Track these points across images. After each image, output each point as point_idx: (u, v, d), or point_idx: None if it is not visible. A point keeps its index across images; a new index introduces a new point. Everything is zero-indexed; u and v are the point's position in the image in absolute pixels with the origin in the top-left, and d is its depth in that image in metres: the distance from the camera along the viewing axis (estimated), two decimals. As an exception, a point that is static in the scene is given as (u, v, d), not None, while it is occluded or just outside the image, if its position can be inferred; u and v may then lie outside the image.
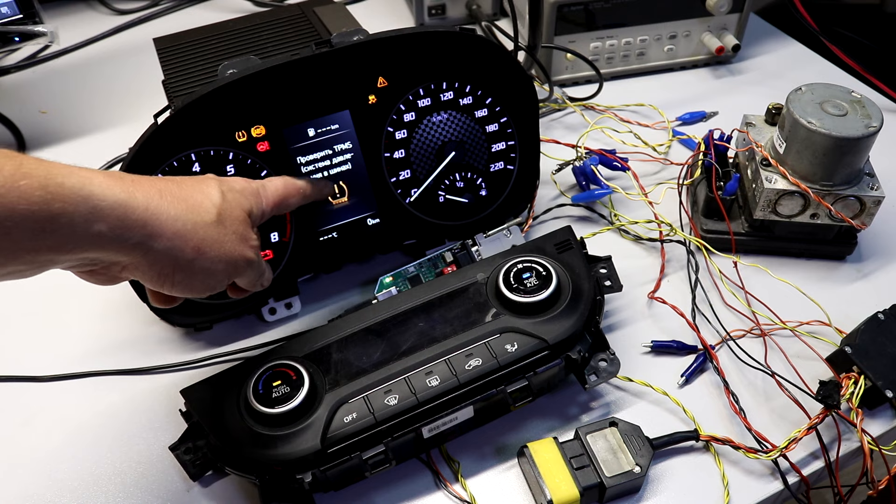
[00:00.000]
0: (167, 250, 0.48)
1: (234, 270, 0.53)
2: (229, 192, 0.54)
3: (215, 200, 0.52)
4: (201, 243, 0.50)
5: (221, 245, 0.51)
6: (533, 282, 0.62)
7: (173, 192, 0.50)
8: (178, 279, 0.50)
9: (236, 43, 0.83)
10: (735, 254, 0.75)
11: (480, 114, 0.73)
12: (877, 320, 0.64)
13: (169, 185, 0.50)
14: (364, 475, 0.58)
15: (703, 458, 0.62)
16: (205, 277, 0.51)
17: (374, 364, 0.59)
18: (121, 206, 0.45)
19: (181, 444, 0.59)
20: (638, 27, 0.98)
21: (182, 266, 0.49)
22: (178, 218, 0.49)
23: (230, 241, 0.52)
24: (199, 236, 0.50)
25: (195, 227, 0.50)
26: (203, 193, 0.52)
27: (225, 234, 0.52)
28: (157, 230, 0.47)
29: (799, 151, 0.70)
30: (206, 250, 0.50)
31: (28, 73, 1.07)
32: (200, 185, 0.53)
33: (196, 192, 0.52)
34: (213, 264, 0.51)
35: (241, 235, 0.54)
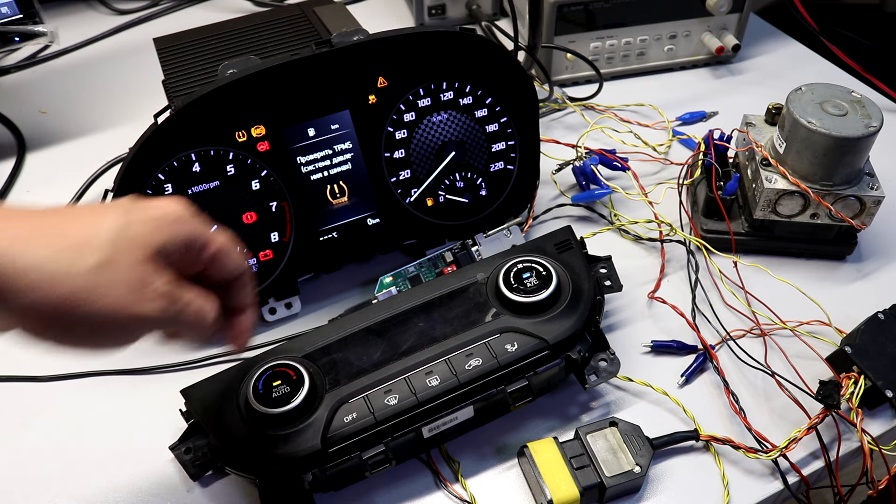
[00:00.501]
0: (29, 306, 0.39)
1: (125, 327, 0.43)
2: (134, 224, 0.43)
3: (101, 239, 0.41)
4: (71, 296, 0.39)
5: (100, 298, 0.40)
6: (533, 282, 0.62)
7: (52, 229, 0.40)
8: (53, 338, 0.41)
9: (236, 43, 0.83)
10: (735, 254, 0.75)
11: (480, 114, 0.73)
12: (877, 320, 0.64)
13: (51, 219, 0.41)
14: (364, 475, 0.58)
15: (703, 458, 0.62)
16: (83, 336, 0.42)
17: (374, 364, 0.59)
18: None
19: (181, 443, 0.59)
20: (638, 27, 0.98)
21: (51, 324, 0.40)
22: (45, 262, 0.39)
23: (115, 293, 0.41)
24: (66, 288, 0.39)
25: (62, 276, 0.39)
26: (92, 228, 0.41)
27: (109, 282, 0.41)
28: (13, 281, 0.38)
29: (799, 151, 0.70)
30: (79, 305, 0.40)
31: (28, 73, 1.07)
32: (92, 218, 0.42)
33: (82, 226, 0.42)
34: (90, 322, 0.41)
35: (136, 282, 0.42)
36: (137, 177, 0.64)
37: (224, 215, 0.67)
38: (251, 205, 0.68)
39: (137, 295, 0.42)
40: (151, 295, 0.42)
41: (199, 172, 0.66)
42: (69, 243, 0.40)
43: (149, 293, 0.42)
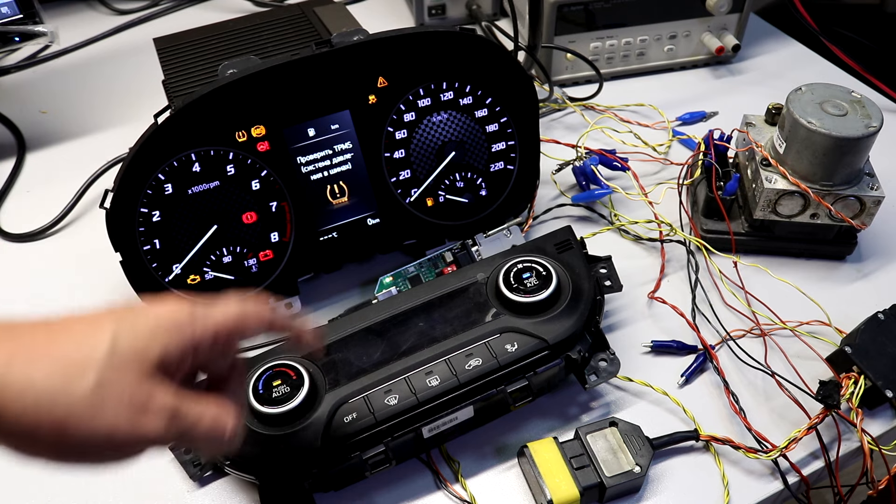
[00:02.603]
0: (19, 434, 0.37)
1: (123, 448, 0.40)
2: (128, 338, 0.40)
3: (97, 355, 0.39)
4: (64, 420, 0.37)
5: (96, 419, 0.38)
6: (533, 282, 0.62)
7: (35, 352, 0.38)
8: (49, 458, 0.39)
9: (236, 43, 0.83)
10: (735, 254, 0.75)
11: (480, 114, 0.73)
12: (877, 320, 0.64)
13: (36, 340, 0.39)
14: (364, 475, 0.58)
15: (703, 458, 0.62)
16: (81, 457, 0.40)
17: (374, 364, 0.59)
18: None
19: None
20: (638, 27, 0.98)
21: (45, 448, 0.38)
22: (31, 387, 0.37)
23: (112, 413, 0.38)
24: (59, 411, 0.37)
25: (55, 398, 0.37)
26: (82, 346, 0.39)
27: (104, 403, 0.38)
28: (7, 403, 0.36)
29: (799, 151, 0.70)
30: (74, 427, 0.38)
31: (28, 73, 1.07)
32: (84, 333, 0.40)
33: (74, 343, 0.39)
34: (86, 444, 0.39)
35: (134, 401, 0.39)
36: (137, 177, 0.64)
37: (224, 215, 0.67)
38: (251, 205, 0.68)
39: (138, 414, 0.39)
40: (153, 413, 0.40)
41: (199, 172, 0.66)
42: (64, 363, 0.38)
43: (151, 412, 0.40)
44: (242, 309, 0.45)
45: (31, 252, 0.81)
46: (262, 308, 0.46)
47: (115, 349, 0.39)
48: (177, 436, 0.41)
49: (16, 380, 0.37)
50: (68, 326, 0.40)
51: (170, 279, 0.67)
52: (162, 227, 0.66)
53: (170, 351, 0.41)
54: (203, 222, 0.67)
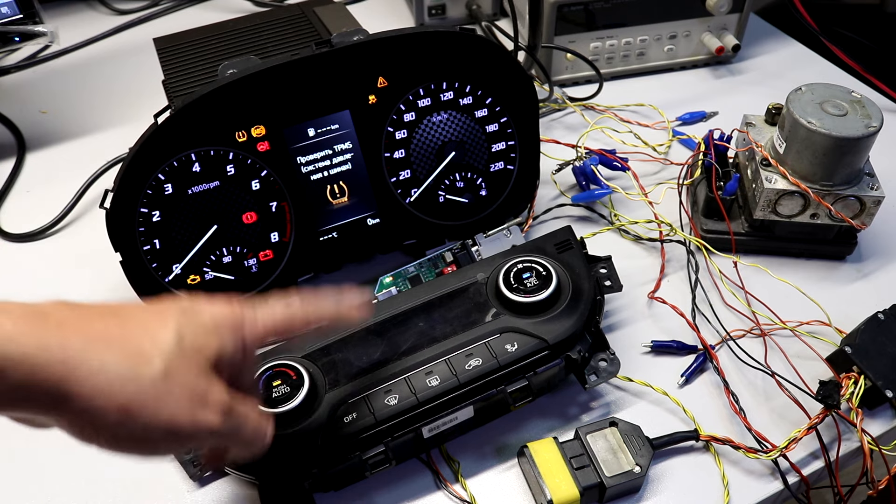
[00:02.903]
0: (84, 411, 0.39)
1: (180, 439, 0.42)
2: (191, 333, 0.42)
3: (165, 346, 0.41)
4: (131, 403, 0.39)
5: (160, 407, 0.40)
6: (533, 282, 0.62)
7: (109, 336, 0.40)
8: (104, 442, 0.41)
9: (236, 43, 0.83)
10: (735, 254, 0.75)
11: (480, 114, 0.73)
12: (877, 320, 0.64)
13: (109, 324, 0.41)
14: (364, 475, 0.58)
15: (703, 458, 0.62)
16: (137, 445, 0.41)
17: (374, 364, 0.59)
18: (27, 361, 0.37)
19: (181, 444, 0.59)
20: (638, 27, 0.98)
21: (106, 428, 0.40)
22: (103, 370, 0.39)
23: (175, 402, 0.41)
24: (128, 394, 0.39)
25: (125, 383, 0.39)
26: (151, 336, 0.41)
27: (169, 392, 0.40)
28: (74, 388, 0.38)
29: (799, 151, 0.70)
30: (138, 413, 0.40)
31: (28, 73, 1.07)
32: (153, 323, 0.42)
33: (143, 332, 0.41)
34: (149, 430, 0.40)
35: (195, 393, 0.41)
36: (137, 177, 0.64)
37: (224, 215, 0.67)
38: (251, 205, 0.68)
39: (197, 406, 0.41)
40: (211, 407, 0.42)
41: (199, 172, 0.66)
42: (133, 349, 0.40)
43: (208, 405, 0.42)
44: (288, 312, 0.47)
45: (31, 252, 0.81)
46: (305, 308, 0.48)
47: (180, 342, 0.42)
48: (228, 432, 0.43)
49: (91, 361, 0.39)
50: (137, 316, 0.42)
51: (170, 279, 0.67)
52: (162, 227, 0.66)
53: (225, 350, 0.44)
54: (203, 222, 0.67)
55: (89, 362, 0.39)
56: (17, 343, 0.37)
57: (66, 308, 0.41)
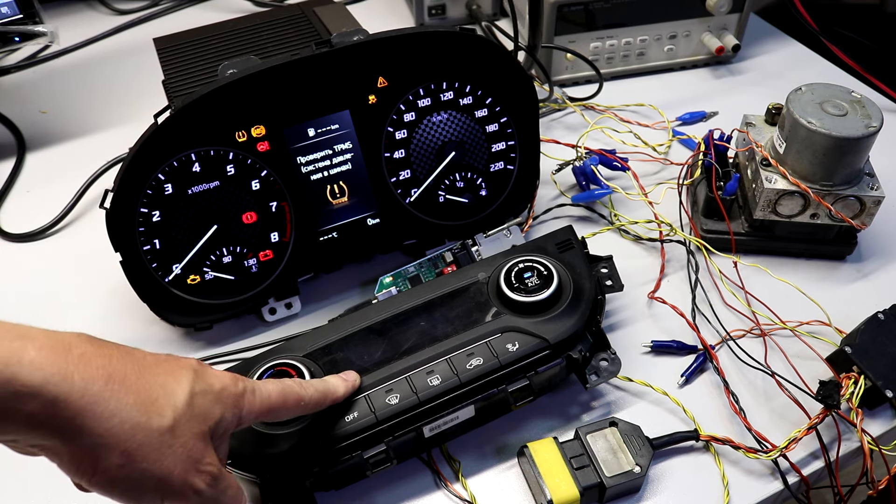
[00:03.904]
0: (92, 447, 0.40)
1: (169, 493, 0.43)
2: (201, 395, 0.45)
3: (177, 402, 0.43)
4: (136, 450, 0.41)
5: (159, 459, 0.42)
6: (534, 281, 0.62)
7: (127, 380, 0.42)
8: (97, 481, 0.42)
9: (236, 43, 0.83)
10: (735, 254, 0.75)
11: (480, 114, 0.73)
12: (877, 320, 0.64)
13: (127, 368, 0.42)
14: (365, 474, 0.58)
15: (703, 458, 0.62)
16: (128, 489, 0.42)
17: (375, 363, 0.59)
18: (50, 391, 0.38)
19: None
20: (638, 27, 0.98)
21: (104, 469, 0.41)
22: (117, 413, 0.40)
23: (173, 457, 0.42)
24: (136, 441, 0.41)
25: (134, 429, 0.41)
26: (166, 389, 0.43)
27: (171, 446, 0.42)
28: (87, 423, 0.39)
29: (799, 151, 0.70)
30: (139, 460, 0.41)
31: (28, 73, 1.07)
32: (168, 376, 0.44)
33: (158, 384, 0.43)
34: (143, 478, 0.42)
35: (192, 454, 0.43)
36: (137, 177, 0.64)
37: (224, 215, 0.67)
38: (251, 205, 0.68)
39: (191, 467, 0.43)
40: (202, 472, 0.44)
41: (199, 172, 0.66)
42: (142, 399, 0.42)
43: (201, 469, 0.44)
44: (283, 395, 0.50)
45: (31, 252, 0.81)
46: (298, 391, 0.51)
47: (191, 401, 0.44)
48: (210, 499, 0.45)
49: (109, 402, 0.40)
50: (154, 366, 0.44)
51: (170, 279, 0.67)
52: (162, 227, 0.66)
53: (224, 420, 0.46)
54: (203, 222, 0.67)
55: (107, 402, 0.40)
56: (42, 373, 0.38)
57: (87, 342, 0.42)
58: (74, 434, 0.40)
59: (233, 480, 0.47)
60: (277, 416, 0.51)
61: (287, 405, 0.51)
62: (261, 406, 0.49)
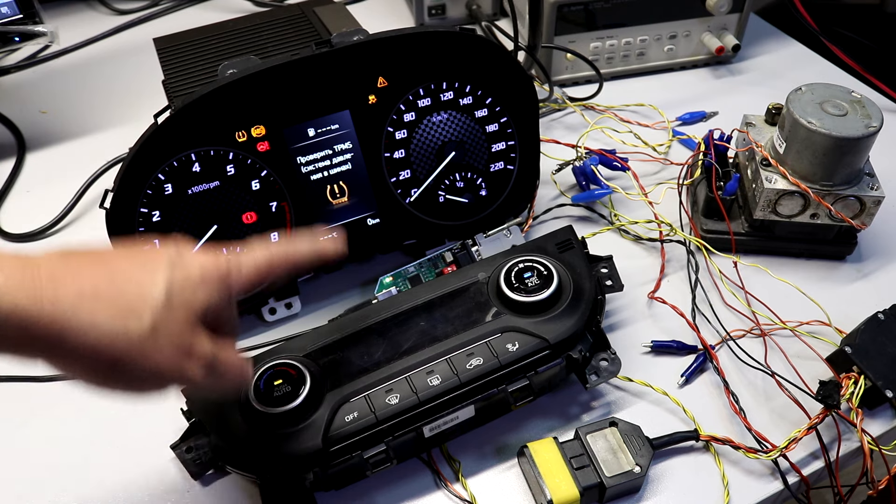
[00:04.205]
0: (76, 361, 0.41)
1: (166, 382, 0.45)
2: (180, 287, 0.44)
3: (154, 301, 0.42)
4: (121, 358, 0.41)
5: (147, 360, 0.42)
6: (534, 281, 0.62)
7: (99, 292, 0.41)
8: (94, 383, 0.43)
9: (236, 43, 0.83)
10: (735, 254, 0.75)
11: (480, 114, 0.73)
12: (877, 320, 0.64)
13: (98, 278, 0.42)
14: (365, 474, 0.58)
15: (703, 458, 0.62)
16: (126, 390, 0.44)
17: (375, 363, 0.59)
18: (19, 314, 0.38)
19: (182, 442, 0.59)
20: (638, 27, 0.98)
21: (96, 378, 0.43)
22: (92, 328, 0.40)
23: (161, 355, 0.43)
24: (117, 350, 0.41)
25: (114, 340, 0.41)
26: (141, 291, 0.43)
27: (155, 346, 0.42)
28: (63, 343, 0.40)
29: (799, 151, 0.70)
30: (127, 366, 0.42)
31: (28, 73, 1.07)
32: (143, 276, 0.43)
33: (133, 288, 0.43)
34: (137, 380, 0.43)
35: (181, 347, 0.44)
36: (137, 177, 0.64)
37: (224, 215, 0.67)
38: (251, 205, 0.68)
39: (182, 358, 0.44)
40: (195, 359, 0.44)
41: (199, 172, 0.66)
42: (119, 308, 0.42)
43: (193, 357, 0.44)
44: (269, 258, 0.49)
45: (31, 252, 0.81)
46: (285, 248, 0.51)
47: (169, 297, 0.43)
48: (211, 381, 0.46)
49: (82, 320, 0.40)
50: (126, 269, 0.44)
51: (170, 279, 0.66)
52: (162, 227, 0.66)
53: (213, 302, 0.46)
54: (203, 222, 0.67)
55: (79, 319, 0.40)
56: (10, 296, 0.38)
57: (58, 260, 0.42)
58: (57, 351, 0.40)
59: (232, 356, 0.48)
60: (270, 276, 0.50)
61: (275, 271, 0.50)
62: (249, 279, 0.48)
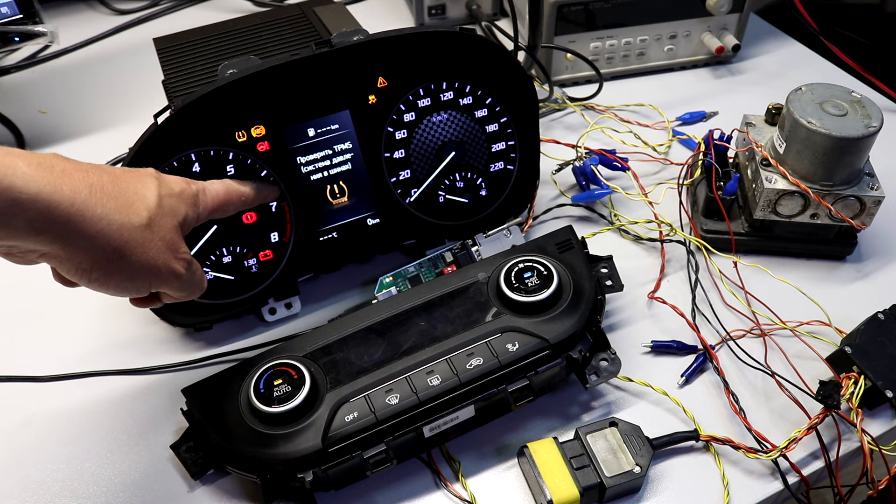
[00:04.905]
0: (87, 248, 0.47)
1: (155, 279, 0.52)
2: (166, 196, 0.53)
3: (149, 203, 0.51)
4: (124, 246, 0.48)
5: (145, 251, 0.50)
6: (534, 281, 0.62)
7: (105, 188, 0.48)
8: (95, 276, 0.49)
9: (236, 43, 0.83)
10: (735, 254, 0.75)
11: (480, 114, 0.73)
12: (877, 320, 0.64)
13: (103, 178, 0.49)
14: (365, 474, 0.58)
15: (703, 458, 0.62)
16: (122, 280, 0.50)
17: (375, 363, 0.59)
18: (44, 200, 0.44)
19: (182, 442, 0.59)
20: (638, 27, 0.98)
21: (100, 265, 0.48)
22: (104, 217, 0.47)
23: (156, 249, 0.50)
24: (123, 238, 0.48)
25: (120, 229, 0.48)
26: (138, 194, 0.50)
27: (152, 240, 0.50)
28: (80, 227, 0.46)
29: (799, 151, 0.70)
30: (129, 254, 0.49)
31: (28, 73, 1.07)
32: (137, 184, 0.51)
33: (131, 190, 0.50)
34: (134, 269, 0.50)
35: (170, 244, 0.52)
36: (138, 177, 0.64)
37: (224, 215, 0.67)
38: (251, 205, 0.68)
39: (171, 254, 0.52)
40: (180, 257, 0.53)
41: (199, 172, 0.66)
42: (121, 203, 0.49)
43: (178, 255, 0.52)
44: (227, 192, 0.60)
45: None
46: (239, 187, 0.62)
47: (160, 201, 0.52)
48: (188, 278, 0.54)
49: (96, 208, 0.47)
50: (124, 176, 0.51)
51: (170, 279, 0.67)
52: (162, 226, 0.65)
53: (188, 216, 0.55)
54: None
55: (94, 208, 0.47)
56: (35, 184, 0.43)
57: (64, 160, 0.47)
58: (70, 237, 0.46)
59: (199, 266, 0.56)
60: (227, 210, 0.61)
61: (232, 200, 0.61)
62: (213, 202, 0.58)
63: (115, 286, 0.51)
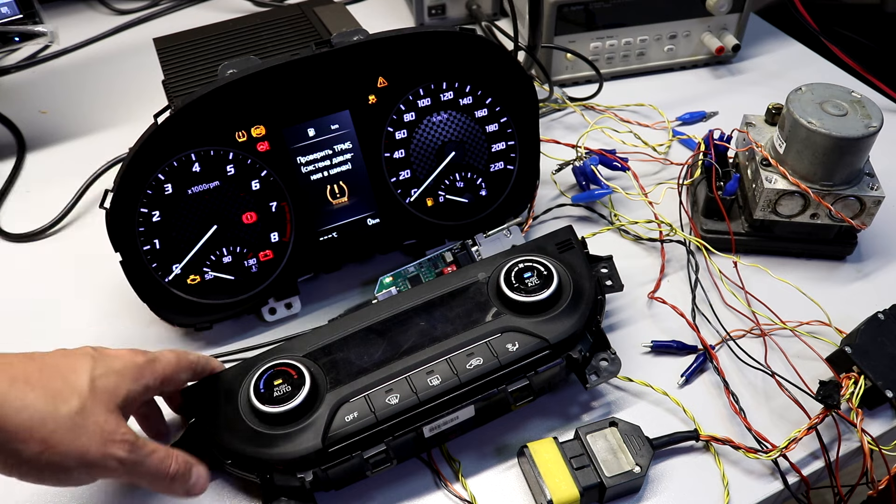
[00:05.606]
0: (10, 442, 0.44)
1: (93, 468, 0.48)
2: (101, 377, 0.49)
3: (80, 388, 0.48)
4: (50, 436, 0.45)
5: (75, 440, 0.46)
6: (534, 281, 0.62)
7: (30, 379, 0.46)
8: (26, 471, 0.46)
9: (236, 43, 0.83)
10: (735, 254, 0.75)
11: (480, 114, 0.73)
12: (877, 320, 0.64)
13: (28, 368, 0.47)
14: (365, 474, 0.58)
15: (703, 458, 0.62)
16: (56, 472, 0.47)
17: (375, 363, 0.59)
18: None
19: (182, 442, 0.59)
20: (638, 27, 0.98)
21: (26, 460, 0.45)
22: (26, 408, 0.45)
23: (87, 437, 0.47)
24: (47, 429, 0.45)
25: (45, 420, 0.45)
26: (67, 380, 0.48)
27: (83, 426, 0.47)
28: (7, 420, 0.44)
29: (799, 151, 0.70)
30: (55, 445, 0.46)
31: (28, 73, 1.07)
32: (68, 369, 0.49)
33: (60, 376, 0.48)
34: (64, 460, 0.46)
35: (105, 430, 0.48)
36: (137, 177, 0.64)
37: (224, 215, 0.67)
38: (251, 205, 0.68)
39: (107, 441, 0.48)
40: (118, 442, 0.48)
41: (199, 172, 0.66)
42: (48, 392, 0.46)
43: (116, 440, 0.48)
44: (178, 363, 0.57)
45: (31, 252, 0.81)
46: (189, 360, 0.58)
47: (93, 384, 0.49)
48: (132, 464, 0.49)
49: (15, 401, 0.45)
50: (53, 363, 0.49)
51: (170, 279, 0.67)
52: (162, 227, 0.66)
53: (132, 392, 0.51)
54: (203, 222, 0.67)
55: (14, 400, 0.45)
56: None
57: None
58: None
59: (157, 446, 0.52)
60: (178, 381, 0.57)
61: (182, 369, 0.57)
62: (164, 372, 0.55)
63: (51, 479, 0.47)
